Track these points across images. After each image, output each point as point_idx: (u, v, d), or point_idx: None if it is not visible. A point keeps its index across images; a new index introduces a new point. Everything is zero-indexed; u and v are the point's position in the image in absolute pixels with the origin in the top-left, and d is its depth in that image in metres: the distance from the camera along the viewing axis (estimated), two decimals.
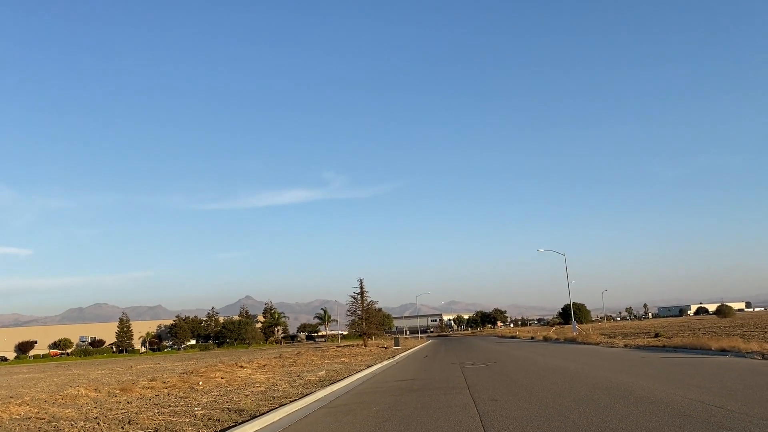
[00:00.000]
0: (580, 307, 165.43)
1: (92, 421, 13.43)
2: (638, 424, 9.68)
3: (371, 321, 77.46)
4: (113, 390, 20.66)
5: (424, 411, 12.74)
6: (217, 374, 27.10)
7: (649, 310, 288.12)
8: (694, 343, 29.99)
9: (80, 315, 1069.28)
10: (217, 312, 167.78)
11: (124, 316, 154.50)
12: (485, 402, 13.55)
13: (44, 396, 19.33)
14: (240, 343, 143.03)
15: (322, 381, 22.12)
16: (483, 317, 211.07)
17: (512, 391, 15.76)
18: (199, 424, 12.22)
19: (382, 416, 12.40)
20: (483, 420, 10.99)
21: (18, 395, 21.90)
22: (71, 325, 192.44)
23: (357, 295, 76.17)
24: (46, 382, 32.77)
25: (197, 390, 20.81)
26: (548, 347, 45.98)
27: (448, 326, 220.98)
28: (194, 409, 14.76)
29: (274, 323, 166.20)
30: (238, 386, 21.64)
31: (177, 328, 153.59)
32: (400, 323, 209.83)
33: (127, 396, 19.39)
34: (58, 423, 13.36)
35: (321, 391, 18.19)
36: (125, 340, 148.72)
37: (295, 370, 29.69)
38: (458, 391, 16.29)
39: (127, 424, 12.68)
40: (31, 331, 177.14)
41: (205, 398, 17.67)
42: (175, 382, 23.22)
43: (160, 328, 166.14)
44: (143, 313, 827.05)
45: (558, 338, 63.35)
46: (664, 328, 66.15)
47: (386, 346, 66.04)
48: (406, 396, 16.09)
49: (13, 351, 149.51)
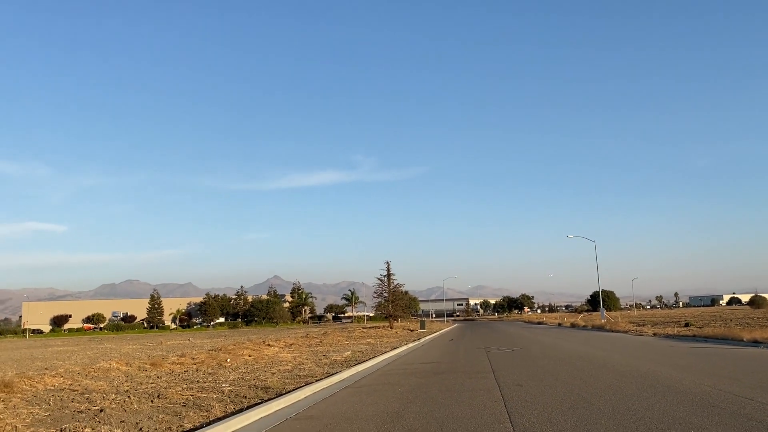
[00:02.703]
0: (609, 294, 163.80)
1: (123, 394, 13.76)
2: (665, 412, 9.57)
3: (397, 303, 77.69)
4: (144, 365, 21.12)
5: (449, 394, 12.76)
6: (244, 352, 27.51)
7: (680, 299, 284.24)
8: (726, 334, 29.47)
9: (113, 291, 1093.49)
10: (245, 291, 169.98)
11: (155, 293, 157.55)
12: (510, 387, 13.52)
13: (78, 368, 19.85)
14: (268, 322, 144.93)
15: (348, 361, 22.30)
16: (510, 302, 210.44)
17: (538, 376, 15.69)
18: (226, 400, 12.43)
19: (407, 398, 12.46)
20: (507, 405, 10.97)
21: (53, 367, 22.53)
22: (104, 301, 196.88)
23: (384, 278, 76.41)
24: (79, 355, 33.62)
25: (225, 367, 21.17)
26: (575, 334, 45.65)
27: (475, 311, 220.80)
28: (222, 386, 15.01)
29: (302, 303, 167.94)
30: (265, 364, 21.95)
31: (206, 306, 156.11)
32: (426, 306, 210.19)
33: (156, 371, 19.80)
34: (90, 395, 13.72)
35: (346, 371, 18.34)
36: (156, 316, 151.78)
37: (321, 350, 29.98)
38: (483, 376, 16.28)
39: (156, 398, 12.95)
40: (65, 306, 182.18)
41: (232, 375, 17.96)
42: (204, 359, 23.63)
43: (190, 305, 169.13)
44: (174, 290, 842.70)
45: (585, 325, 62.87)
46: (695, 317, 65.02)
47: (412, 328, 66.24)
48: (431, 378, 16.13)
49: (48, 324, 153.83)
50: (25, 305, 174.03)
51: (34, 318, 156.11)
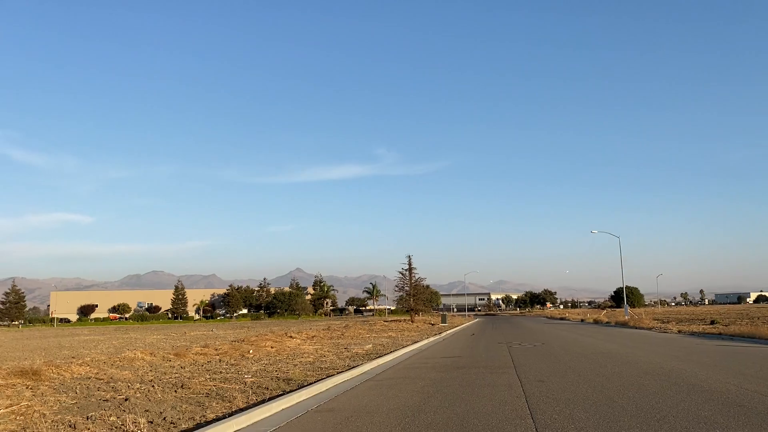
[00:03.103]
0: (633, 290, 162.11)
1: (147, 383, 13.96)
2: (689, 411, 9.44)
3: (419, 297, 77.68)
4: (168, 355, 21.39)
5: (470, 389, 12.73)
6: (267, 343, 27.73)
7: (705, 296, 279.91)
8: (753, 332, 28.96)
9: (138, 281, 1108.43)
10: (268, 283, 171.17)
11: (180, 284, 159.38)
12: (531, 383, 13.44)
13: (103, 358, 20.18)
14: (290, 314, 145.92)
15: (369, 354, 22.37)
16: (532, 298, 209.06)
17: (559, 372, 15.59)
18: (248, 391, 12.54)
19: (427, 392, 12.46)
20: (529, 400, 10.91)
21: (79, 356, 22.93)
22: (129, 291, 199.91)
23: (405, 271, 76.44)
24: (105, 345, 34.16)
25: (248, 358, 21.37)
26: (598, 330, 45.24)
27: (496, 305, 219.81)
28: (244, 377, 15.16)
29: (323, 296, 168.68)
30: (287, 356, 22.11)
31: (230, 297, 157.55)
32: (448, 301, 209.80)
33: (180, 361, 20.05)
34: (115, 384, 13.94)
35: (367, 364, 18.40)
36: (180, 307, 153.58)
37: (343, 343, 30.11)
38: (504, 371, 16.21)
39: (180, 388, 13.12)
40: (92, 295, 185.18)
41: (255, 366, 18.12)
42: (227, 350, 23.87)
43: (214, 296, 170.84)
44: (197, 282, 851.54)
45: (609, 321, 62.26)
46: (721, 315, 64.07)
47: (433, 322, 66.22)
48: (452, 373, 16.11)
49: (75, 313, 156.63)
50: (53, 295, 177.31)
51: (61, 307, 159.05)
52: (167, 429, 8.86)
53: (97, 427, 8.86)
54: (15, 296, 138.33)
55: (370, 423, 9.22)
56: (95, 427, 8.84)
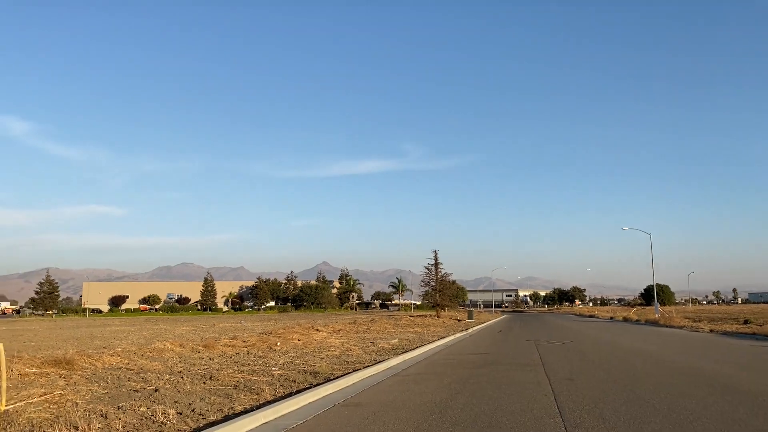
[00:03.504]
0: (664, 288, 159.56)
1: (177, 375, 14.14)
2: (723, 413, 9.22)
3: (445, 293, 77.36)
4: (197, 346, 21.65)
5: (497, 386, 12.62)
6: (294, 336, 27.91)
7: (738, 295, 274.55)
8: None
9: (168, 273, 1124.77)
10: (295, 276, 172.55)
11: (209, 276, 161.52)
12: (560, 381, 13.27)
13: (134, 348, 20.50)
14: (316, 307, 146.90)
15: (395, 349, 22.36)
16: (560, 295, 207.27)
17: (589, 371, 15.38)
18: (276, 384, 12.62)
19: (454, 388, 12.38)
20: (557, 399, 10.77)
21: (110, 346, 23.34)
22: (159, 283, 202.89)
23: (431, 267, 76.16)
24: (135, 335, 34.71)
25: (275, 350, 21.53)
26: (628, 328, 44.62)
27: (524, 302, 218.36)
28: (272, 369, 15.26)
29: (349, 290, 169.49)
30: (314, 349, 22.23)
31: (257, 290, 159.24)
32: (474, 296, 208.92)
33: (209, 353, 20.28)
34: (145, 375, 14.15)
35: (393, 359, 18.38)
36: (209, 298, 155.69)
37: (369, 337, 30.16)
38: (532, 369, 16.05)
39: (208, 380, 13.26)
40: (123, 287, 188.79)
41: (282, 359, 18.24)
42: (255, 342, 24.08)
43: (242, 288, 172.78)
44: (226, 274, 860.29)
45: (639, 319, 61.38)
46: (755, 314, 62.57)
47: (459, 318, 65.98)
48: (479, 370, 16.00)
49: (107, 304, 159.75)
50: (85, 285, 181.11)
51: (93, 298, 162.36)
52: (196, 420, 8.95)
53: (128, 417, 8.99)
54: (49, 286, 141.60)
55: (397, 419, 9.19)
56: (126, 417, 8.97)
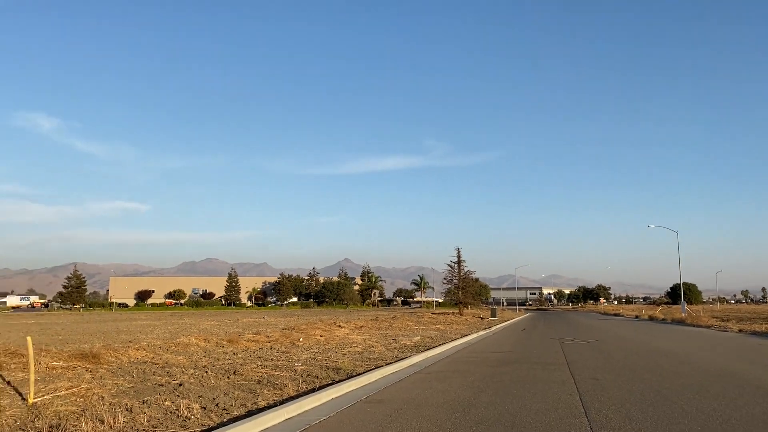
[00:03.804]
0: (691, 287, 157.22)
1: (201, 369, 14.24)
2: (754, 416, 9.00)
3: (467, 290, 76.97)
4: (221, 341, 21.81)
5: (521, 385, 12.50)
6: (316, 332, 27.99)
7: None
8: None
9: (193, 268, 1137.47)
10: (317, 272, 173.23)
11: (233, 272, 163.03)
12: (585, 380, 13.10)
13: (159, 342, 20.70)
14: (338, 303, 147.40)
15: (417, 346, 22.29)
16: (585, 293, 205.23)
17: (614, 370, 15.16)
18: (298, 379, 12.64)
19: (478, 386, 12.29)
20: (583, 398, 10.62)
21: (136, 340, 23.60)
22: (185, 278, 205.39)
23: (454, 264, 75.79)
24: (161, 330, 35.07)
25: (298, 346, 21.60)
26: (654, 327, 44.00)
27: (548, 300, 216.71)
28: (295, 365, 15.30)
29: (371, 286, 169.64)
30: (336, 345, 22.26)
31: (280, 286, 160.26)
32: (497, 294, 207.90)
33: (233, 347, 20.41)
34: (170, 369, 14.27)
35: (416, 356, 18.32)
36: (233, 294, 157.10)
37: (391, 334, 30.13)
38: (557, 367, 15.87)
39: (232, 374, 13.33)
40: (149, 281, 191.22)
41: (305, 354, 18.29)
42: (278, 337, 24.19)
43: (265, 284, 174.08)
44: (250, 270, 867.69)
45: (665, 318, 60.52)
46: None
47: (482, 316, 65.67)
48: (503, 368, 15.86)
49: (133, 298, 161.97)
50: (112, 280, 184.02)
51: (119, 292, 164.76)
52: (220, 415, 8.98)
53: (153, 412, 9.06)
54: (76, 281, 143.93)
55: (420, 416, 9.14)
56: (151, 412, 9.04)
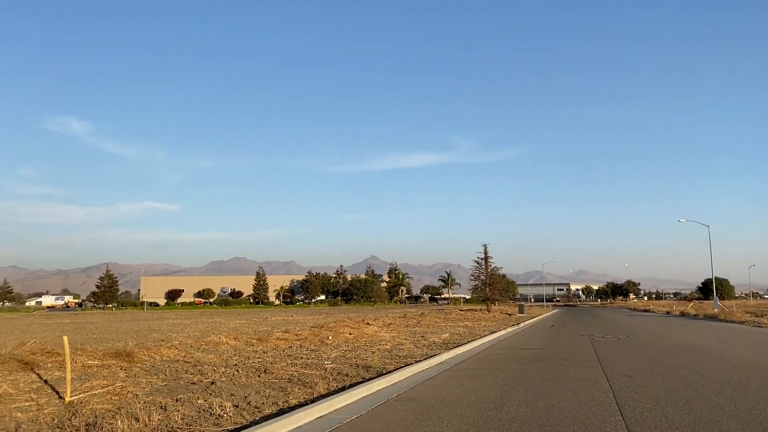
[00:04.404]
0: (723, 282, 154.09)
1: (232, 367, 14.37)
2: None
3: (495, 287, 76.60)
4: (251, 340, 21.98)
5: (552, 382, 12.37)
6: (345, 330, 28.07)
7: None
8: None
9: (221, 267, 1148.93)
10: (345, 270, 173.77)
11: (261, 270, 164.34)
12: (618, 378, 12.92)
13: (190, 341, 20.94)
14: (366, 300, 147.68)
15: (446, 344, 22.22)
16: (614, 288, 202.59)
17: (647, 367, 14.92)
18: (329, 377, 12.68)
19: (508, 384, 12.20)
20: (616, 396, 10.48)
21: (168, 339, 23.91)
22: (213, 277, 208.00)
23: (481, 260, 75.48)
24: (191, 329, 35.48)
25: (327, 344, 21.69)
26: (686, 323, 43.25)
27: (576, 296, 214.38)
28: (324, 363, 15.36)
29: (398, 283, 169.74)
30: (365, 343, 22.29)
31: (308, 284, 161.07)
32: (525, 290, 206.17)
33: (263, 346, 20.57)
34: (202, 367, 14.43)
35: (445, 353, 18.26)
36: (261, 292, 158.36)
37: (419, 331, 30.09)
38: (588, 364, 15.68)
39: (263, 373, 13.43)
40: (178, 281, 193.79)
41: (334, 353, 18.35)
42: (307, 335, 24.31)
43: (293, 282, 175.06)
44: (277, 268, 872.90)
45: (696, 314, 59.47)
46: None
47: (510, 312, 65.21)
48: (533, 365, 15.73)
49: (163, 297, 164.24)
50: (143, 280, 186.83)
51: (150, 291, 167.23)
52: (252, 413, 9.05)
53: (186, 410, 9.16)
54: (109, 281, 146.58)
55: (452, 415, 9.09)
56: (184, 410, 9.14)
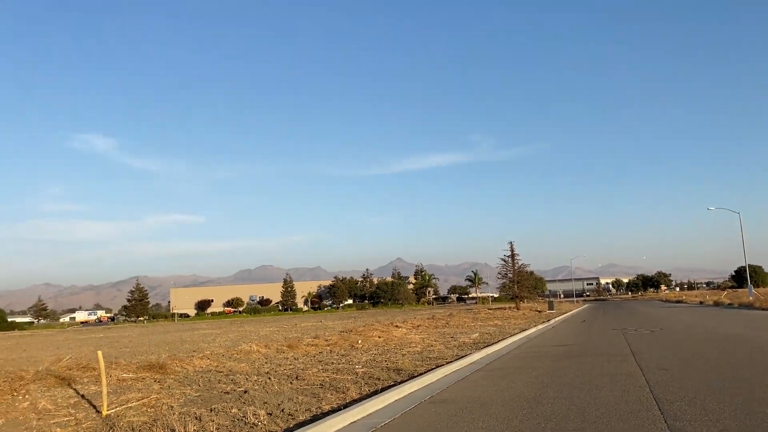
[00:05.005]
0: (757, 269, 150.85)
1: (264, 375, 14.43)
2: None
3: (523, 284, 76.09)
4: (281, 347, 22.08)
5: (586, 378, 12.19)
6: (374, 333, 28.04)
7: None
8: None
9: (249, 276, 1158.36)
10: (371, 273, 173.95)
11: (288, 277, 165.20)
12: (653, 371, 12.68)
13: (221, 351, 21.11)
14: (393, 303, 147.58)
15: (477, 343, 22.07)
16: (644, 281, 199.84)
17: (683, 360, 14.65)
18: (360, 382, 12.66)
19: (542, 382, 12.06)
20: (653, 390, 10.28)
21: (199, 349, 24.13)
22: (241, 285, 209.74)
23: (507, 258, 75.05)
24: (222, 338, 35.77)
25: (357, 348, 21.68)
26: (720, 313, 42.45)
27: (606, 290, 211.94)
28: (355, 367, 15.34)
29: (425, 285, 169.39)
30: (395, 346, 22.23)
31: (335, 288, 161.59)
32: (553, 287, 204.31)
33: (293, 353, 20.64)
34: (234, 376, 14.52)
35: (476, 353, 18.13)
36: (289, 299, 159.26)
37: (449, 332, 29.95)
38: (622, 359, 15.44)
39: (295, 379, 13.46)
40: (207, 291, 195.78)
41: (364, 357, 18.33)
42: (336, 341, 24.34)
43: (320, 288, 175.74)
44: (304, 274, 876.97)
45: (731, 303, 58.36)
46: None
47: (540, 309, 64.64)
48: (566, 362, 15.54)
49: (193, 308, 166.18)
50: (172, 291, 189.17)
51: (180, 303, 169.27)
52: (286, 421, 9.07)
53: (221, 419, 9.21)
54: (139, 294, 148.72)
55: (486, 415, 9.01)
56: (219, 419, 9.19)
